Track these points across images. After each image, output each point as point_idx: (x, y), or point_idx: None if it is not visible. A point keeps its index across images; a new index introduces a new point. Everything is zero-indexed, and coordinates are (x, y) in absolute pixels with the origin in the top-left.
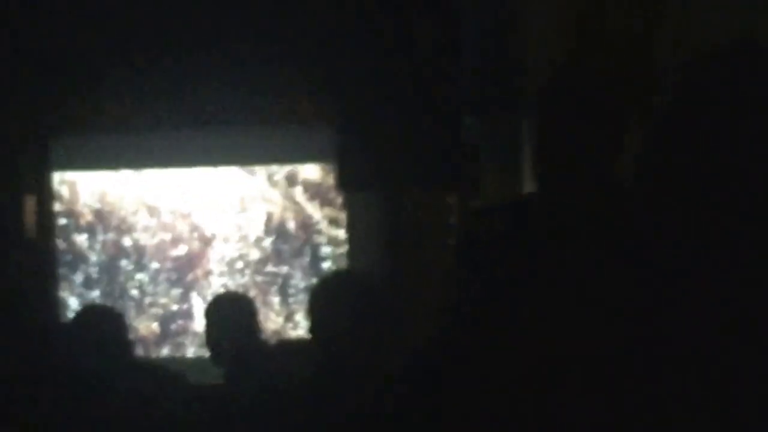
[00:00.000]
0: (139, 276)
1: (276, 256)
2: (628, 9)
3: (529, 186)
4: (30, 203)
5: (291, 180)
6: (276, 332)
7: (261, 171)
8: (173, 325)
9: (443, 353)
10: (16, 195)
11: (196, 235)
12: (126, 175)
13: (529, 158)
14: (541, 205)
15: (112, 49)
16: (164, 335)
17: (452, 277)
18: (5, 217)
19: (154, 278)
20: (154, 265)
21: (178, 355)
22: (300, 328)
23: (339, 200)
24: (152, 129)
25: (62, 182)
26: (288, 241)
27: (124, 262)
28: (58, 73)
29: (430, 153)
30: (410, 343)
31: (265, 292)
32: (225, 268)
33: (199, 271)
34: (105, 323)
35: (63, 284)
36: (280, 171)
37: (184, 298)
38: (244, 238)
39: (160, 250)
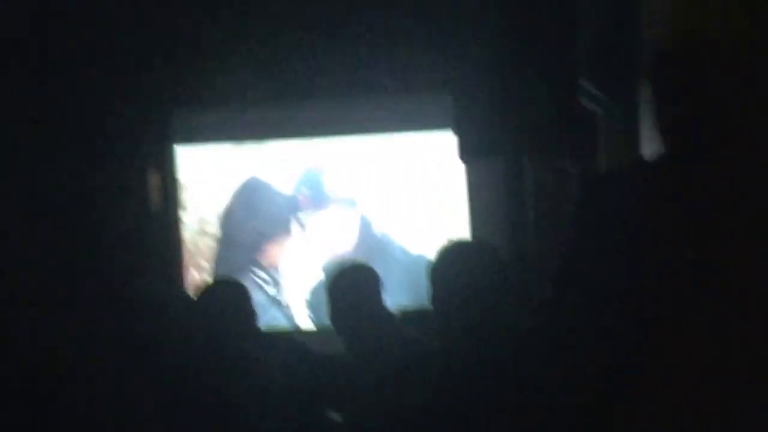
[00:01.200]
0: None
1: None
2: None
3: (646, 152)
4: (154, 177)
5: None
6: None
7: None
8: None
9: (563, 320)
10: (139, 169)
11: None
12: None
13: (647, 124)
14: (663, 170)
15: (231, 21)
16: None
17: (573, 243)
18: (130, 191)
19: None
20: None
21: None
22: None
23: None
24: (272, 101)
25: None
26: None
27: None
28: (179, 47)
29: (549, 120)
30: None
31: None
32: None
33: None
34: (229, 295)
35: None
36: None
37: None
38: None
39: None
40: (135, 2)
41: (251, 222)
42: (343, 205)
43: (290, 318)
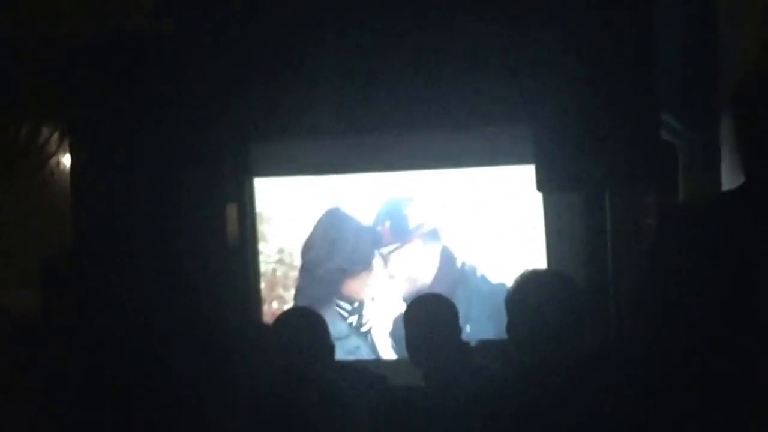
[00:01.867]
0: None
1: None
2: None
3: (726, 184)
4: (232, 210)
5: None
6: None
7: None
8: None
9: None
10: (218, 202)
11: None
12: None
13: (727, 157)
14: (743, 202)
15: (310, 54)
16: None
17: (651, 275)
18: (208, 224)
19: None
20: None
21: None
22: None
23: None
24: (351, 134)
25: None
26: None
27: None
28: (259, 79)
29: (628, 152)
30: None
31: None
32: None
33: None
34: (307, 326)
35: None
36: None
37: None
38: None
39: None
40: (212, 35)
41: (333, 255)
42: (425, 237)
43: (373, 348)
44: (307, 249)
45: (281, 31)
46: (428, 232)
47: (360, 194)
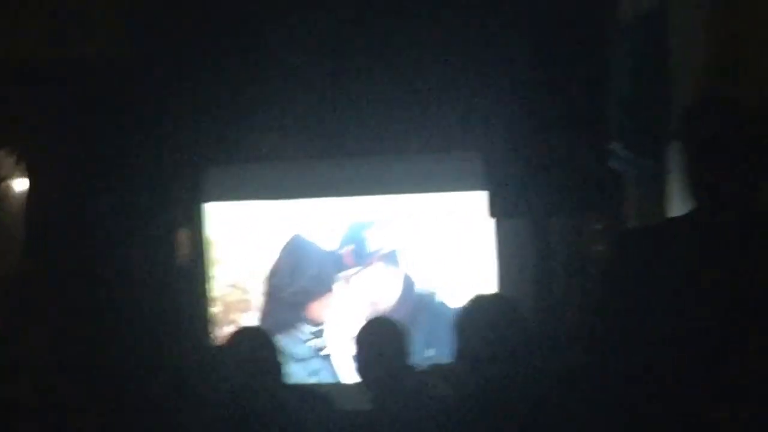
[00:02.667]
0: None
1: None
2: None
3: (673, 211)
4: (182, 234)
5: None
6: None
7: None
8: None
9: (592, 375)
10: (168, 226)
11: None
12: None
13: (675, 184)
14: (692, 229)
15: (261, 79)
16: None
17: (601, 301)
18: (159, 249)
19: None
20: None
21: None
22: None
23: None
24: (302, 159)
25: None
26: None
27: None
28: (209, 105)
29: (577, 180)
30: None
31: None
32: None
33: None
34: (257, 345)
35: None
36: None
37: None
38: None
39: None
40: (166, 61)
41: (297, 279)
42: (386, 260)
43: (333, 371)
44: (272, 275)
45: (235, 56)
46: (388, 254)
47: (317, 219)
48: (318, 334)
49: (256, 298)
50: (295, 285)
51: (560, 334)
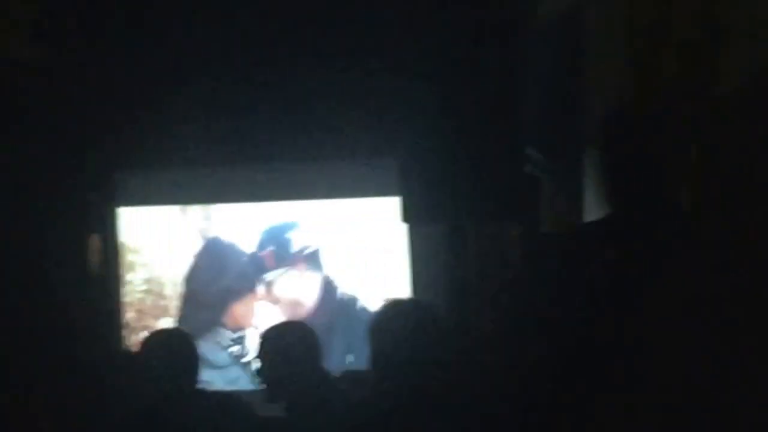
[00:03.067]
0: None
1: None
2: (686, 48)
3: (589, 216)
4: (95, 240)
5: None
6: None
7: None
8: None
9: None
10: (82, 232)
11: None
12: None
13: (590, 189)
14: (606, 233)
15: (175, 85)
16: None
17: (514, 305)
18: (71, 253)
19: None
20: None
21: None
22: None
23: None
24: (216, 165)
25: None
26: None
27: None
28: (123, 110)
29: (491, 185)
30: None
31: None
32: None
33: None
34: (173, 348)
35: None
36: None
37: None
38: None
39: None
40: (81, 64)
41: (215, 282)
42: (307, 262)
43: (253, 379)
44: (190, 278)
45: (149, 61)
46: (310, 255)
47: (234, 223)
48: (239, 341)
49: (173, 303)
50: (214, 288)
51: (475, 339)
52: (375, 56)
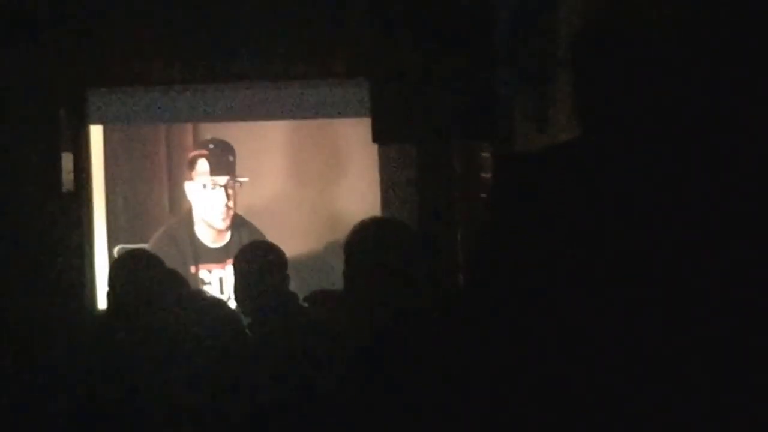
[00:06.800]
0: None
1: None
2: None
3: (561, 138)
4: (67, 156)
5: None
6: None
7: None
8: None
9: (474, 303)
10: (54, 149)
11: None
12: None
13: (562, 109)
14: (577, 154)
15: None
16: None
17: (486, 226)
18: (43, 171)
19: None
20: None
21: None
22: None
23: None
24: (187, 83)
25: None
26: None
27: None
28: (95, 27)
29: (462, 106)
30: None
31: None
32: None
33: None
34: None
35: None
36: None
37: None
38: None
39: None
40: None
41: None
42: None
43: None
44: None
45: None
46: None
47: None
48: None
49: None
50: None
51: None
52: None
